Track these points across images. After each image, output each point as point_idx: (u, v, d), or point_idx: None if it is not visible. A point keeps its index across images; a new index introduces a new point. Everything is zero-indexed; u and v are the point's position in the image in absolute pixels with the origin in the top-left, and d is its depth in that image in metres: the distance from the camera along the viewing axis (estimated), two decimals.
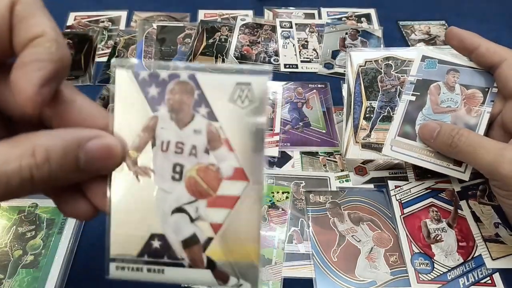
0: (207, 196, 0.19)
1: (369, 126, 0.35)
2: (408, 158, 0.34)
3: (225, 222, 0.20)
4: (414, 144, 0.34)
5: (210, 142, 0.19)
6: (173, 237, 0.20)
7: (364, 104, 0.34)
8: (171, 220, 0.19)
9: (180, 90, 0.19)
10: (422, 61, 0.34)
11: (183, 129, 0.19)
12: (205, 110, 0.19)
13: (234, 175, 0.19)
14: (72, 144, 0.17)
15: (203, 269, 0.20)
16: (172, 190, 0.19)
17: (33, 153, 0.16)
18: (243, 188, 0.19)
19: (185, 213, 0.20)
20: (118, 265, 0.20)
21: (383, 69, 0.35)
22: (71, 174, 0.18)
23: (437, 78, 0.34)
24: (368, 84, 0.34)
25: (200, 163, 0.19)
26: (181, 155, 0.19)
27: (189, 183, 0.19)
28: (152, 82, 0.19)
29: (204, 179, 0.19)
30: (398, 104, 0.34)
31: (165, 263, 0.20)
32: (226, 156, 0.19)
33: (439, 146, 0.33)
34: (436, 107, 0.34)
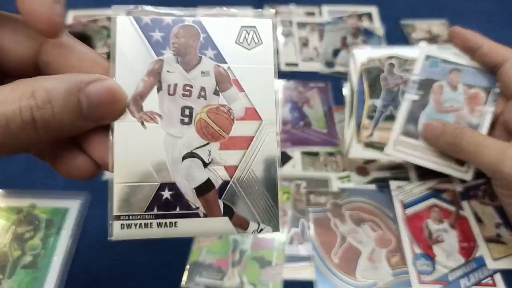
0: (219, 138, 0.19)
1: (371, 125, 0.34)
2: (411, 157, 0.34)
3: (240, 164, 0.19)
4: (417, 143, 0.33)
5: (219, 83, 0.19)
6: (185, 185, 0.18)
7: (367, 103, 0.34)
8: (182, 166, 0.18)
9: (186, 34, 0.19)
10: (426, 60, 0.34)
11: (190, 72, 0.19)
12: (212, 52, 0.19)
13: (246, 115, 0.19)
14: (74, 86, 0.16)
15: (220, 217, 0.18)
16: (181, 134, 0.18)
17: (33, 94, 0.15)
18: (256, 127, 0.19)
19: (197, 158, 0.19)
20: (123, 222, 0.18)
21: (386, 68, 0.34)
22: (74, 121, 0.16)
23: (440, 78, 0.34)
24: (371, 83, 0.34)
25: (210, 104, 0.19)
26: (189, 98, 0.19)
27: (200, 126, 0.19)
28: (155, 26, 0.19)
29: (216, 121, 0.19)
30: (401, 103, 0.34)
31: (178, 215, 0.18)
32: (236, 96, 0.19)
33: (442, 145, 0.33)
34: (439, 106, 0.33)
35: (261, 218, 0.19)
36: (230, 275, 0.31)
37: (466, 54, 0.34)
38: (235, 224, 0.19)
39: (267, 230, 0.19)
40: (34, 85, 0.16)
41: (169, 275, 0.31)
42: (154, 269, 0.32)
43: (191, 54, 0.19)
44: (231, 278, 0.31)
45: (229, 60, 0.19)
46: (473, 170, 0.33)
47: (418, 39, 0.54)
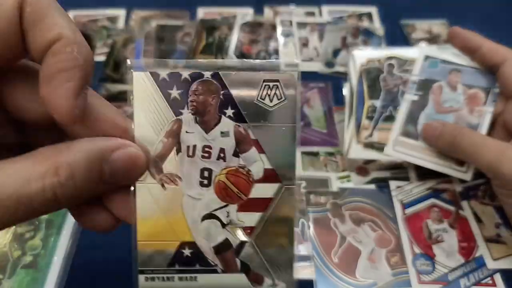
0: (238, 200, 0.19)
1: (371, 126, 0.34)
2: (410, 158, 0.34)
3: (258, 225, 0.19)
4: (416, 144, 0.34)
5: (239, 144, 0.19)
6: (204, 244, 0.19)
7: (366, 104, 0.34)
8: (202, 227, 0.19)
9: (204, 91, 0.18)
10: (425, 60, 0.34)
11: (210, 133, 0.19)
12: (231, 111, 0.18)
13: (265, 177, 0.19)
14: (96, 157, 0.16)
15: (237, 273, 0.19)
16: (201, 196, 0.19)
17: (56, 171, 0.15)
18: (275, 189, 0.19)
19: (216, 219, 0.19)
20: (147, 276, 0.19)
21: (386, 68, 0.34)
22: (95, 188, 0.17)
23: (440, 78, 0.34)
24: (371, 84, 0.34)
25: (229, 166, 0.19)
26: (208, 160, 0.19)
27: (219, 188, 0.19)
28: (173, 83, 0.18)
29: (234, 183, 0.19)
30: (400, 103, 0.34)
31: (198, 271, 0.19)
32: (256, 157, 0.19)
33: (442, 146, 0.33)
34: (438, 106, 0.33)
35: (276, 275, 0.20)
36: None
37: (466, 54, 0.34)
38: (251, 280, 0.19)
39: (281, 286, 0.20)
40: (57, 159, 0.16)
41: None
42: None
43: (210, 114, 0.18)
44: None
45: (249, 119, 0.18)
46: (472, 170, 0.33)
47: (418, 39, 0.54)
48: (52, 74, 0.15)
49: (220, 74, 0.18)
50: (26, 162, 0.16)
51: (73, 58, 0.15)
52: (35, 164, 0.15)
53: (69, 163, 0.16)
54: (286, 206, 0.19)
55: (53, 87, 0.15)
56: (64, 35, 0.16)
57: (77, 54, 0.16)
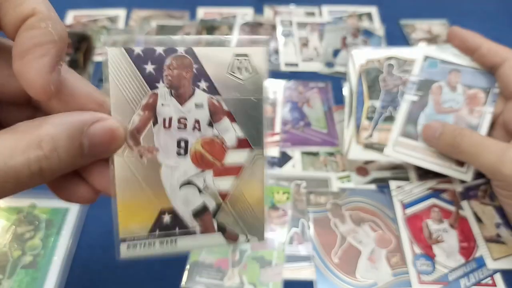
0: (213, 167, 0.20)
1: (371, 126, 0.34)
2: (410, 158, 0.34)
3: (231, 189, 0.21)
4: (416, 144, 0.34)
5: (213, 115, 0.20)
6: (183, 209, 0.20)
7: (366, 104, 0.34)
8: (180, 194, 0.20)
9: (178, 65, 0.19)
10: (424, 61, 0.34)
11: (185, 105, 0.19)
12: (205, 83, 0.19)
13: (238, 145, 0.20)
14: (76, 130, 0.17)
15: (214, 233, 0.21)
16: (178, 165, 0.20)
17: (40, 144, 0.16)
18: (246, 156, 0.20)
19: (193, 185, 0.20)
20: (129, 243, 0.20)
21: (385, 69, 0.34)
22: (76, 161, 0.17)
23: (439, 78, 0.34)
24: (370, 84, 0.34)
25: (204, 136, 0.20)
26: (184, 130, 0.19)
27: (195, 157, 0.20)
28: (147, 58, 0.19)
29: (210, 152, 0.20)
30: (400, 104, 0.34)
31: (177, 233, 0.20)
32: (229, 127, 0.20)
33: (442, 146, 0.33)
34: (438, 107, 0.33)
35: (249, 231, 0.21)
36: (230, 275, 0.31)
37: (465, 54, 0.34)
38: (227, 238, 0.21)
39: (254, 240, 0.21)
40: (39, 132, 0.16)
41: (169, 275, 0.31)
42: (154, 269, 0.32)
43: (184, 87, 0.19)
44: (231, 278, 0.31)
45: (222, 91, 0.20)
46: (472, 170, 0.33)
47: (418, 39, 0.54)
48: (26, 49, 0.15)
49: (193, 49, 0.19)
50: (7, 137, 0.16)
51: (47, 33, 0.15)
52: (17, 139, 0.15)
53: (51, 136, 0.16)
54: (256, 171, 0.21)
55: (27, 62, 0.15)
56: (38, 11, 0.16)
57: (52, 29, 0.16)
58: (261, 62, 0.20)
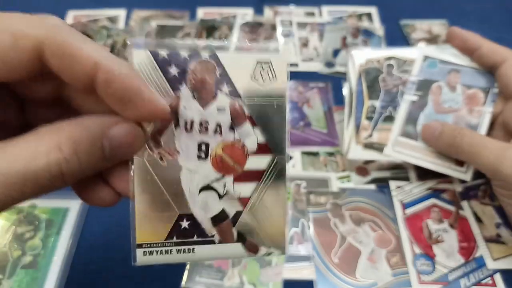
0: (233, 172, 0.20)
1: (371, 126, 0.34)
2: (410, 158, 0.34)
3: (252, 195, 0.20)
4: (416, 144, 0.34)
5: (234, 119, 0.20)
6: (202, 215, 0.20)
7: (365, 104, 0.34)
8: (199, 199, 0.20)
9: (202, 69, 0.19)
10: (424, 61, 0.34)
11: (206, 108, 0.19)
12: (227, 88, 0.20)
13: (259, 150, 0.20)
14: (97, 133, 0.17)
15: (233, 243, 0.20)
16: (198, 168, 0.20)
17: (60, 147, 0.16)
18: (268, 161, 0.20)
19: (213, 190, 0.20)
20: (145, 250, 0.19)
21: (385, 69, 0.34)
22: (97, 163, 0.17)
23: (439, 78, 0.34)
24: (370, 84, 0.34)
25: (225, 140, 0.20)
26: (206, 134, 0.20)
27: (216, 161, 0.20)
28: (172, 61, 0.19)
29: (231, 156, 0.20)
30: (400, 104, 0.34)
31: (195, 242, 0.20)
32: (250, 132, 0.20)
33: (441, 146, 0.32)
34: (437, 107, 0.33)
35: (270, 243, 0.21)
36: (230, 275, 0.31)
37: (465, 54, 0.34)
38: (247, 249, 0.20)
39: (275, 253, 0.21)
40: (60, 135, 0.16)
41: (169, 275, 0.31)
42: (154, 269, 0.32)
43: (207, 90, 0.19)
44: (231, 278, 0.31)
45: (244, 96, 0.20)
46: (472, 170, 0.33)
47: (418, 39, 0.54)
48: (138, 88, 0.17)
49: (218, 54, 0.19)
50: (29, 141, 0.16)
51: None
52: (39, 142, 0.16)
53: (71, 139, 0.16)
54: (277, 178, 0.20)
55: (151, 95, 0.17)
56: (100, 64, 0.16)
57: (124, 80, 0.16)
58: (282, 68, 0.20)
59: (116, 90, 0.16)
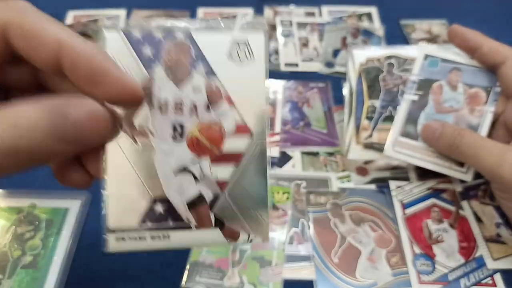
0: (210, 153, 0.19)
1: (371, 126, 0.34)
2: (410, 158, 0.34)
3: (231, 178, 0.19)
4: (416, 144, 0.33)
5: (211, 99, 0.19)
6: (177, 199, 0.19)
7: (365, 104, 0.34)
8: (175, 182, 0.19)
9: (177, 49, 0.19)
10: (425, 59, 0.34)
11: (182, 88, 0.19)
12: (203, 68, 0.19)
13: (237, 131, 0.19)
14: (58, 113, 0.16)
15: (211, 229, 0.19)
16: (173, 150, 0.19)
17: (16, 123, 0.15)
18: (247, 142, 0.19)
19: (189, 173, 0.19)
20: (118, 236, 0.19)
21: (385, 68, 0.34)
22: (60, 145, 0.16)
23: (440, 77, 0.34)
24: (370, 83, 0.34)
25: (202, 121, 0.19)
26: (181, 115, 0.19)
27: (192, 142, 0.19)
28: (145, 42, 0.18)
29: (207, 137, 0.19)
30: (400, 103, 0.34)
31: (170, 227, 0.19)
32: (228, 112, 0.19)
33: (441, 147, 0.32)
34: (438, 106, 0.33)
35: (251, 229, 0.20)
36: (230, 275, 0.31)
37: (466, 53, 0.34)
38: (226, 235, 0.19)
39: (257, 240, 0.20)
40: (17, 112, 0.15)
41: (169, 275, 0.31)
42: (154, 269, 0.32)
43: (182, 70, 0.19)
44: (231, 278, 0.31)
45: (221, 76, 0.19)
46: (473, 171, 0.33)
47: (418, 39, 0.54)
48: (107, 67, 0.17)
49: (192, 34, 0.19)
50: None
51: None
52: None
53: (28, 116, 0.15)
54: (259, 159, 0.19)
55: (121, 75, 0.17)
56: (63, 45, 0.16)
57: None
58: (260, 48, 0.19)
59: (81, 70, 0.16)
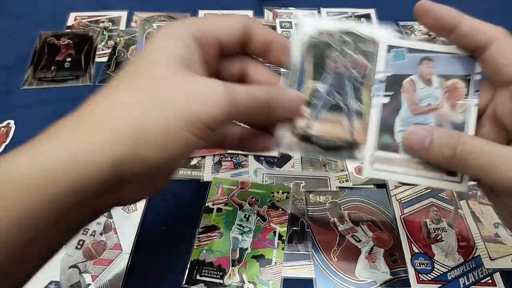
0: None
1: (311, 114, 0.26)
2: (394, 175, 0.27)
3: None
4: (397, 157, 0.26)
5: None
6: None
7: (307, 85, 0.26)
8: None
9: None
10: (388, 52, 0.27)
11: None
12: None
13: None
14: (263, 93, 0.23)
15: None
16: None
17: (230, 90, 0.21)
18: None
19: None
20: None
21: (338, 45, 0.26)
22: (258, 115, 0.23)
23: (410, 72, 0.27)
24: (317, 61, 0.26)
25: None
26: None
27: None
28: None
29: None
30: (348, 91, 0.26)
31: None
32: None
33: (435, 159, 0.25)
34: (414, 107, 0.27)
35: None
36: (230, 273, 0.31)
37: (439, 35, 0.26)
38: None
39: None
40: (234, 86, 0.22)
41: (169, 274, 0.32)
42: (154, 268, 0.32)
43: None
44: (232, 276, 0.31)
45: None
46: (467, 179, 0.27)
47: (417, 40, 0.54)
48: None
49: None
50: (205, 80, 0.22)
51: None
52: (212, 84, 0.21)
53: (238, 90, 0.22)
54: None
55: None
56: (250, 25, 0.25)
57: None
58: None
59: (260, 40, 0.26)
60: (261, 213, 0.35)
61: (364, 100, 0.26)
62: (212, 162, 0.40)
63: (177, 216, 0.35)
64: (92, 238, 0.33)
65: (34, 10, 0.57)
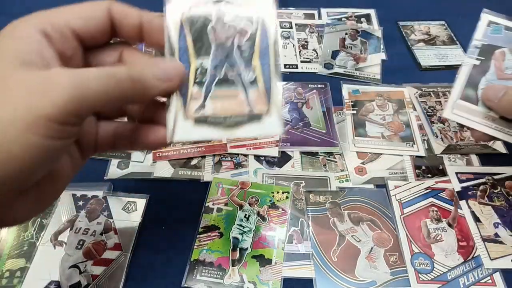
0: None
1: (202, 94, 0.25)
2: (469, 122, 0.33)
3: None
4: (475, 108, 0.33)
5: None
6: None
7: (193, 64, 0.25)
8: None
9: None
10: (488, 26, 0.35)
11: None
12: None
13: None
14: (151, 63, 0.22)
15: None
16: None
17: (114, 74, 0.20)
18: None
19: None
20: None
21: (214, 16, 0.25)
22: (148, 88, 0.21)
23: (503, 45, 0.34)
24: (197, 37, 0.25)
25: None
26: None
27: None
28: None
29: None
30: (237, 61, 0.25)
31: None
32: None
33: (504, 107, 0.31)
34: (500, 73, 0.33)
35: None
36: (230, 273, 0.31)
37: None
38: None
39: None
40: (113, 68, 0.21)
41: (169, 274, 0.32)
42: (154, 268, 0.32)
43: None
44: (232, 276, 0.31)
45: None
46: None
47: (416, 40, 0.54)
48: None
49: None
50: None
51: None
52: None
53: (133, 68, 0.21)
54: None
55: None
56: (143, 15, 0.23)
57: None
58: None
59: (154, 28, 0.24)
60: (261, 213, 0.35)
61: (256, 66, 0.24)
62: (212, 162, 0.40)
63: (177, 216, 0.35)
64: (93, 238, 0.33)
65: (34, 10, 0.57)
